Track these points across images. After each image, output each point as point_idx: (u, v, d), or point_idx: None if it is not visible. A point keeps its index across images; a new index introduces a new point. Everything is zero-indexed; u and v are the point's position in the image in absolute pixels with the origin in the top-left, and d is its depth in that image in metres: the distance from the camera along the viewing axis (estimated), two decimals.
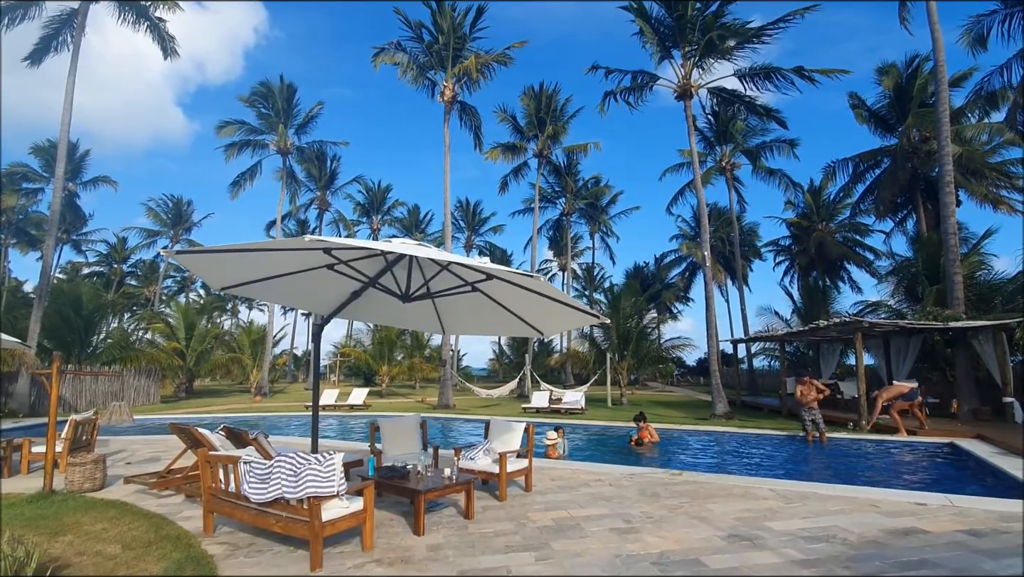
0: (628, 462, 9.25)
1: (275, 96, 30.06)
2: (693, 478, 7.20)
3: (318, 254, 4.97)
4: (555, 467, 7.95)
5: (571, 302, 5.41)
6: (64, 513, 5.50)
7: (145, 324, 29.70)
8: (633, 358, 23.33)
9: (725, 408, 16.56)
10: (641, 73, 19.71)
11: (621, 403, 21.70)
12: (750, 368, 31.43)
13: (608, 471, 7.70)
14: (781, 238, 37.14)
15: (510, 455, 6.12)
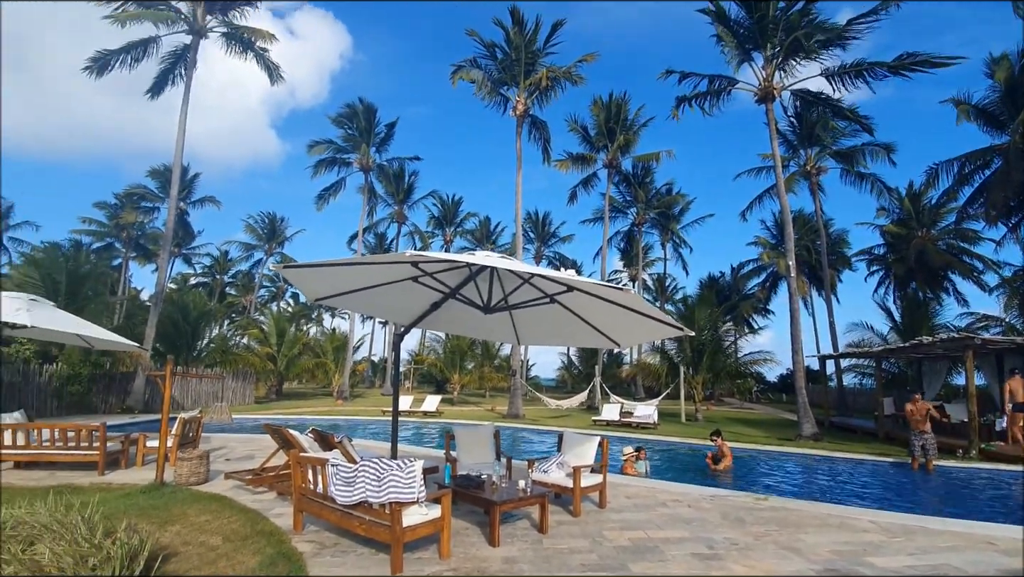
0: (706, 482, 8.82)
1: (358, 116, 32.03)
2: (781, 504, 6.74)
3: (404, 267, 5.20)
4: (630, 484, 7.73)
5: (657, 314, 5.24)
6: (173, 504, 6.03)
7: (242, 331, 32.26)
8: (708, 372, 22.33)
9: (813, 429, 15.42)
10: (719, 77, 19.00)
11: (696, 419, 20.80)
12: (840, 386, 29.08)
13: (686, 491, 7.38)
14: (875, 246, 34.31)
15: (584, 470, 6.03)
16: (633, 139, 29.79)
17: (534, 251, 48.45)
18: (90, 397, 18.34)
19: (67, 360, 17.43)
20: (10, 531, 4.15)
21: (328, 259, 4.98)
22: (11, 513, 4.40)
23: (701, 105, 19.57)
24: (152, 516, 5.49)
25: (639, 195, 36.50)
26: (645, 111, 30.03)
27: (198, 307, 23.99)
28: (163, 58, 21.35)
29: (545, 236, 48.51)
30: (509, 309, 5.93)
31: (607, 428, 17.14)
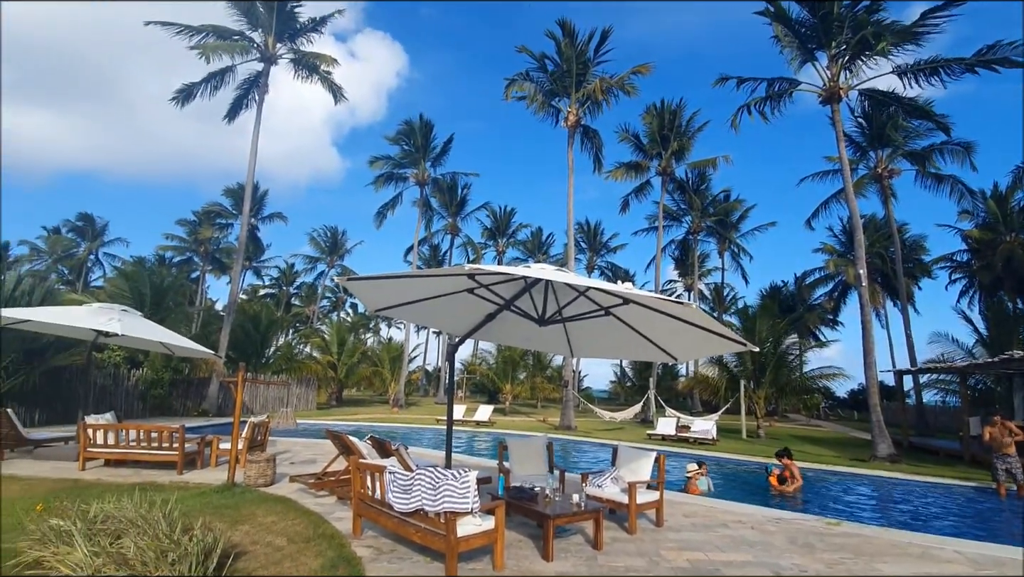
0: (770, 503, 8.38)
1: (415, 133, 33.15)
2: (856, 530, 6.31)
3: (461, 279, 5.32)
4: (688, 502, 7.47)
5: (719, 329, 5.07)
6: (243, 504, 6.36)
7: (305, 339, 33.80)
8: (771, 387, 21.29)
9: (889, 449, 14.36)
10: (779, 80, 18.28)
11: (758, 435, 19.84)
12: (919, 404, 26.92)
13: (749, 512, 7.04)
14: (956, 252, 31.78)
15: (640, 485, 5.88)
16: (687, 145, 29.12)
17: (586, 261, 48.15)
18: (170, 400, 19.74)
19: (151, 366, 18.85)
20: (100, 525, 4.53)
21: (388, 272, 5.18)
22: (101, 508, 4.80)
23: (760, 110, 18.87)
24: (224, 515, 5.81)
25: (694, 202, 35.55)
26: (700, 116, 29.29)
27: (267, 317, 25.40)
28: (238, 85, 22.94)
29: (597, 246, 48.11)
30: (563, 321, 5.92)
31: (662, 443, 16.65)
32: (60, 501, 5.54)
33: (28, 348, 12.62)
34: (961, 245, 30.51)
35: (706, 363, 28.06)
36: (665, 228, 36.22)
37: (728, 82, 18.66)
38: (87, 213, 49.94)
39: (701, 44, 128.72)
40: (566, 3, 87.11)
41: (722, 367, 23.45)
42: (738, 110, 18.88)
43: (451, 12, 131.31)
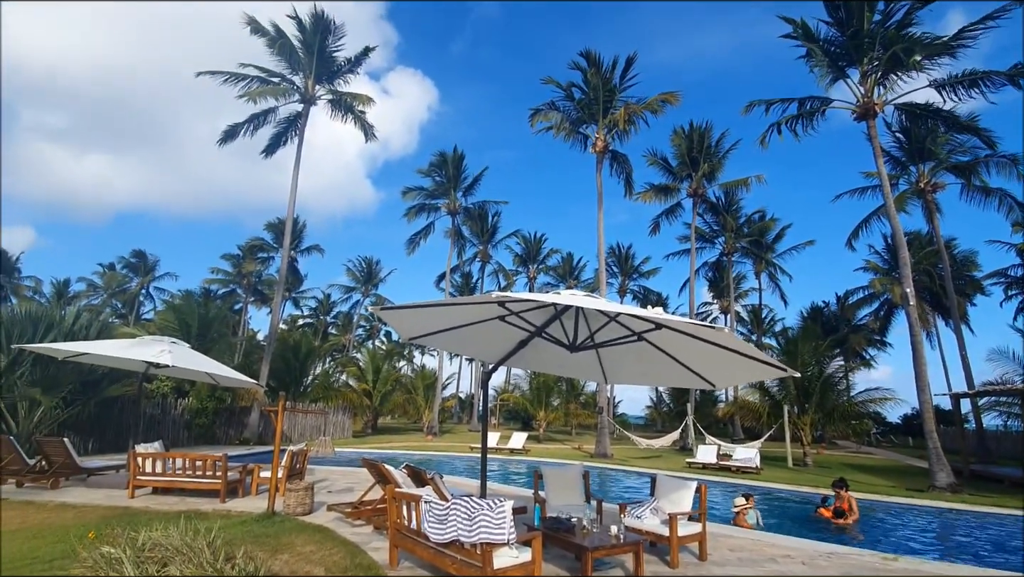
0: (821, 537, 7.95)
1: (447, 164, 34.04)
2: (915, 565, 5.93)
3: (492, 306, 5.38)
4: (732, 535, 7.17)
5: (757, 355, 4.95)
6: (282, 533, 6.44)
7: (342, 368, 34.42)
8: (817, 412, 20.37)
9: (949, 478, 13.49)
10: (810, 99, 18.07)
11: (805, 464, 18.95)
12: (978, 428, 25.22)
13: (799, 546, 6.71)
14: (1011, 267, 30.14)
15: (681, 517, 5.70)
16: (718, 166, 28.91)
17: (618, 285, 47.77)
18: (213, 429, 20.31)
19: (197, 395, 19.50)
20: (148, 552, 4.66)
21: (421, 300, 5.28)
22: (149, 536, 4.95)
23: (792, 128, 18.63)
24: (264, 544, 5.90)
25: (727, 223, 35.02)
26: (729, 136, 29.10)
27: (305, 346, 26.04)
28: (277, 123, 24.14)
29: (629, 270, 47.74)
30: (595, 347, 5.88)
31: (703, 472, 16.09)
32: (111, 528, 5.75)
33: (85, 379, 13.28)
34: (1016, 260, 28.95)
35: (747, 388, 27.16)
36: (698, 250, 35.74)
37: (758, 107, 18.54)
38: (140, 250, 52.94)
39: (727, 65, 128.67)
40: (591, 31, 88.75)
41: (763, 392, 22.64)
42: (768, 129, 18.69)
43: (480, 47, 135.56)
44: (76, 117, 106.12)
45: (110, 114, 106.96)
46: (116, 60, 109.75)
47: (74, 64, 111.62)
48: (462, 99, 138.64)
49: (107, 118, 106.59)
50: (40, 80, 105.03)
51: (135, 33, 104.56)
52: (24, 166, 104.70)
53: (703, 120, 28.90)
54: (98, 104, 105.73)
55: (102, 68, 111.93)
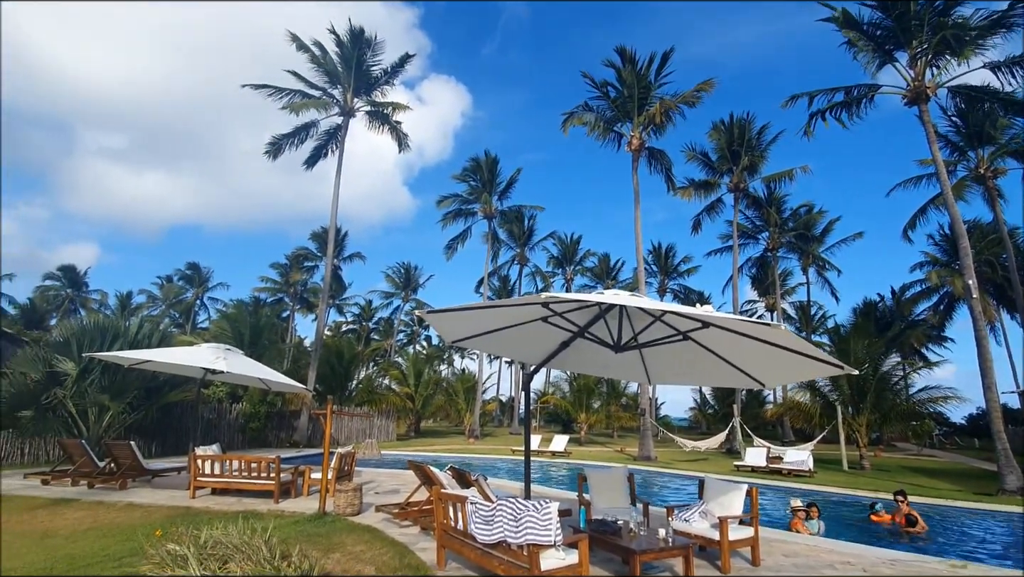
0: (881, 543, 7.57)
1: (482, 169, 34.38)
2: (985, 573, 5.57)
3: (535, 308, 5.38)
4: (787, 540, 6.91)
5: (811, 351, 4.74)
6: (333, 533, 6.62)
7: (384, 372, 35.16)
8: (873, 413, 19.42)
9: (1019, 481, 12.63)
10: (857, 87, 17.31)
11: (861, 466, 18.09)
12: None
13: (858, 552, 6.41)
14: None
15: (731, 521, 5.54)
16: (760, 159, 28.01)
17: (657, 285, 46.94)
18: (265, 432, 21.10)
19: (249, 400, 20.32)
20: (210, 550, 4.90)
21: (464, 303, 5.34)
22: (210, 534, 5.20)
23: (838, 117, 17.89)
24: (317, 543, 6.09)
25: (771, 217, 33.86)
26: (771, 129, 28.11)
27: (349, 352, 26.75)
28: (318, 136, 24.95)
29: (668, 269, 46.85)
30: (639, 347, 5.80)
31: (752, 475, 15.60)
32: (175, 527, 6.06)
33: (148, 386, 14.06)
34: None
35: (796, 388, 26.16)
36: (741, 246, 34.68)
37: (801, 99, 17.90)
38: (194, 262, 55.83)
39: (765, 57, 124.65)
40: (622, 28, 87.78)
41: (815, 392, 21.76)
42: (813, 117, 17.99)
43: (510, 49, 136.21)
44: (134, 138, 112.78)
45: (164, 133, 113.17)
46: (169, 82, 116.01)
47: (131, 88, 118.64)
48: (494, 103, 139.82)
49: (162, 137, 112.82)
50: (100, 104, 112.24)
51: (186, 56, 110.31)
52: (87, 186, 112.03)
53: (742, 113, 28.12)
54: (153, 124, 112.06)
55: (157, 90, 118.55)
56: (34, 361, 12.55)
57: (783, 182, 29.18)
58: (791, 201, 35.17)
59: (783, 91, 24.15)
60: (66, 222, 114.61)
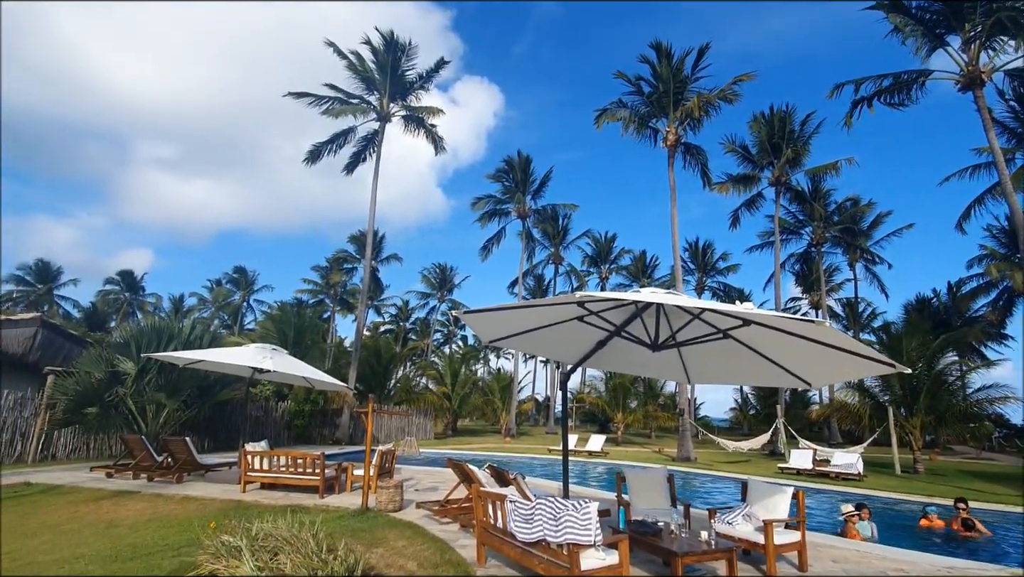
0: (936, 549, 7.22)
1: (515, 169, 34.52)
2: None
3: (571, 307, 5.39)
4: (836, 545, 6.69)
5: (861, 349, 4.57)
6: (376, 528, 6.80)
7: (421, 372, 35.73)
8: (927, 414, 18.49)
9: None
10: (906, 73, 16.54)
11: (915, 470, 17.28)
12: None
13: (912, 559, 6.15)
14: None
15: (776, 524, 5.41)
16: (802, 152, 27.07)
17: (695, 283, 46.01)
18: (309, 430, 21.79)
19: (294, 398, 21.01)
20: (261, 542, 5.12)
21: (500, 303, 5.40)
22: (261, 527, 5.43)
23: (887, 103, 17.13)
24: (361, 538, 6.27)
25: (815, 211, 32.66)
26: (814, 119, 27.11)
27: (387, 352, 27.32)
28: (356, 142, 25.58)
29: (706, 266, 45.83)
30: (678, 346, 5.72)
31: (797, 477, 15.12)
32: (228, 520, 6.35)
33: (200, 384, 14.73)
34: None
35: (843, 388, 25.15)
36: (783, 241, 33.63)
37: (846, 87, 17.23)
38: (241, 266, 58.16)
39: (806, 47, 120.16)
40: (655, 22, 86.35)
41: (864, 392, 20.89)
42: (855, 105, 17.27)
43: (542, 46, 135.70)
44: (183, 147, 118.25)
45: (211, 142, 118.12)
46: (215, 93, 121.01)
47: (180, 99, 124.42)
48: (527, 103, 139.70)
49: (208, 146, 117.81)
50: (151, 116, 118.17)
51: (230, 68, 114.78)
52: (141, 195, 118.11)
53: (784, 104, 27.23)
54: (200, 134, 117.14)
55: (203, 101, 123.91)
56: (98, 361, 13.34)
57: (828, 175, 28.15)
58: (836, 194, 33.84)
59: (823, 81, 23.07)
60: (123, 230, 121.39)
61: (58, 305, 50.96)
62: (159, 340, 13.93)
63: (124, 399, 13.18)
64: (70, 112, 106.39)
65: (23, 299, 49.76)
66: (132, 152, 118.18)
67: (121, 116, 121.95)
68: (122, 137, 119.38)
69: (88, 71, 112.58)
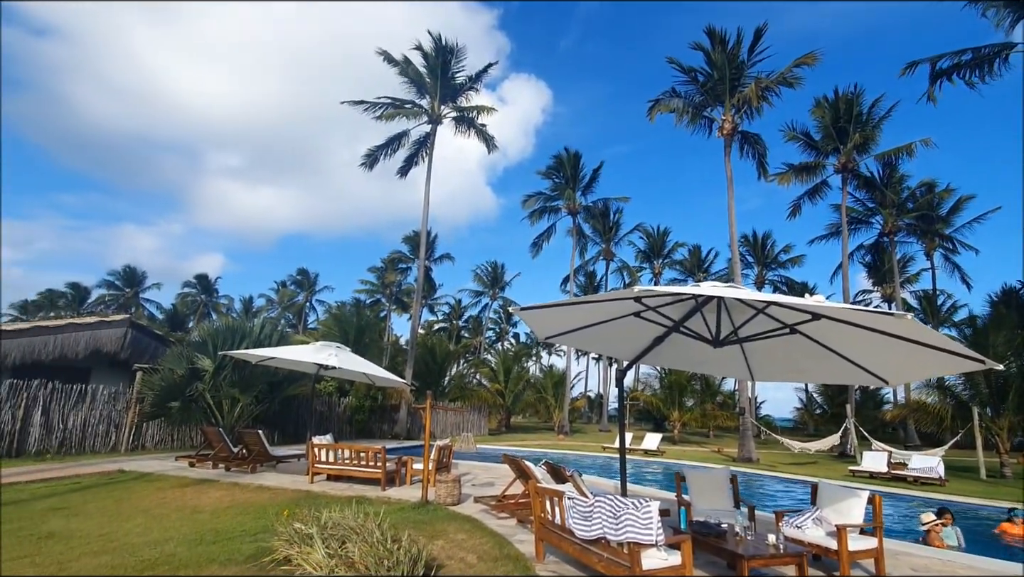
0: None
1: (564, 166, 34.36)
2: None
3: (627, 303, 5.34)
4: (915, 553, 6.28)
5: (947, 345, 4.25)
6: (436, 521, 6.98)
7: (475, 369, 36.28)
8: (1016, 414, 16.96)
9: None
10: (987, 47, 15.23)
11: (1002, 475, 15.93)
12: None
13: (999, 569, 5.68)
14: None
15: (851, 529, 5.14)
16: (872, 136, 25.37)
17: (754, 277, 44.17)
18: (369, 425, 22.59)
19: (355, 394, 21.85)
20: (330, 530, 5.38)
21: (556, 300, 5.41)
22: (330, 516, 5.70)
23: (968, 79, 15.83)
24: (422, 529, 6.45)
25: (887, 198, 30.56)
26: (884, 101, 25.34)
27: (441, 349, 27.90)
28: (410, 146, 26.23)
29: (766, 259, 43.90)
30: (740, 342, 5.54)
31: (870, 481, 14.28)
32: (299, 508, 6.70)
33: (270, 380, 15.59)
34: None
35: (920, 387, 23.42)
36: (851, 231, 31.71)
37: (920, 66, 16.06)
38: (304, 268, 61.14)
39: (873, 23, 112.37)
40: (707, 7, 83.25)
41: (944, 391, 19.42)
42: (935, 80, 16.03)
43: (588, 41, 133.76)
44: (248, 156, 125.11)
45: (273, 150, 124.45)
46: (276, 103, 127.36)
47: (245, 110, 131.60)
48: (575, 98, 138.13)
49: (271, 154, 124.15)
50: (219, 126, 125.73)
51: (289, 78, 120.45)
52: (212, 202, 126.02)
53: (850, 85, 25.65)
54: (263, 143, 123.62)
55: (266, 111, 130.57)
56: (179, 359, 14.39)
57: (900, 158, 26.26)
58: (910, 180, 31.51)
59: (889, 61, 21.14)
60: (197, 235, 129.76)
61: (143, 307, 55.31)
62: (233, 339, 14.84)
63: (203, 394, 14.14)
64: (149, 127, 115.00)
65: (114, 302, 54.31)
66: (203, 162, 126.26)
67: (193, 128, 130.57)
68: (194, 148, 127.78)
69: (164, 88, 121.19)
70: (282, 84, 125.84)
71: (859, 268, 38.84)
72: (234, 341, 14.73)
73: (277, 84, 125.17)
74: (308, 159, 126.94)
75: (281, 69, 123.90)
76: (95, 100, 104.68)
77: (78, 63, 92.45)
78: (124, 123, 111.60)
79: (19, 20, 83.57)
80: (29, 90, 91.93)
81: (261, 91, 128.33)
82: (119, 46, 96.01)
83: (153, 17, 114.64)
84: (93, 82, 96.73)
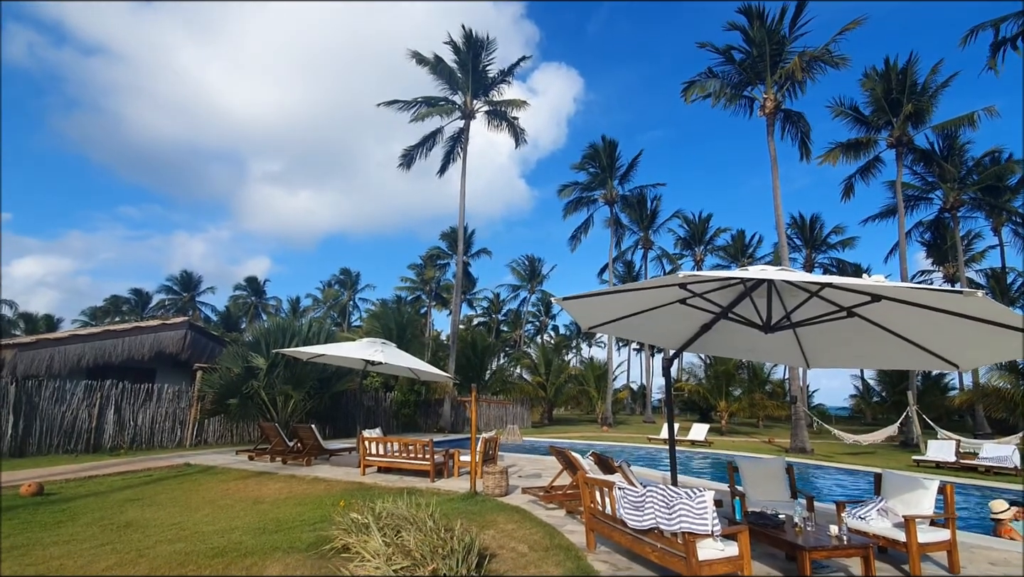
0: None
1: (600, 155, 33.90)
2: None
3: (672, 290, 5.22)
4: (993, 547, 5.92)
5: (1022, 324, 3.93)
6: (485, 512, 7.06)
7: (515, 362, 36.43)
8: None
9: None
10: None
11: None
12: None
13: None
14: None
15: (920, 521, 4.89)
16: (928, 106, 23.85)
17: (802, 260, 42.42)
18: (415, 418, 23.07)
19: (400, 389, 22.34)
20: (385, 519, 5.54)
21: (598, 289, 5.34)
22: (384, 506, 5.86)
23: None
24: (473, 520, 6.54)
25: (948, 172, 28.70)
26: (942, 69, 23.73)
27: (481, 344, 28.14)
28: (444, 143, 26.46)
29: (815, 241, 42.07)
30: (793, 327, 5.33)
31: (936, 471, 13.57)
32: (353, 499, 6.91)
33: (320, 377, 16.15)
34: None
35: (990, 371, 21.95)
36: (908, 208, 29.99)
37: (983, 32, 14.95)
38: (346, 268, 62.84)
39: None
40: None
41: (1018, 375, 18.19)
42: (997, 48, 14.91)
43: (616, 22, 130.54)
44: (288, 161, 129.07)
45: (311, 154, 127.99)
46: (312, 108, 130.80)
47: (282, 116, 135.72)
48: (607, 84, 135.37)
49: (309, 158, 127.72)
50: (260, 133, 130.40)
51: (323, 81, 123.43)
52: (258, 207, 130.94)
53: (902, 54, 24.16)
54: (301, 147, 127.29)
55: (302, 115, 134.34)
56: (235, 358, 15.09)
57: (962, 129, 24.59)
58: (973, 149, 29.44)
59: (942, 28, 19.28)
60: (244, 240, 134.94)
61: (200, 310, 58.25)
62: (284, 338, 15.43)
63: (258, 391, 14.77)
64: (199, 138, 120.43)
65: (172, 306, 57.40)
66: (248, 169, 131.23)
67: (238, 138, 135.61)
68: (239, 156, 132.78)
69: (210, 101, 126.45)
70: (312, 88, 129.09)
71: (917, 247, 36.89)
72: (285, 340, 15.31)
73: (307, 88, 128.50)
74: (343, 160, 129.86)
75: (310, 72, 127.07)
76: (149, 116, 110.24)
77: (131, 82, 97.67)
78: (176, 137, 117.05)
79: (69, 40, 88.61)
80: (88, 110, 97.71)
81: (294, 97, 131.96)
82: (168, 64, 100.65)
83: (199, 38, 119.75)
84: (146, 99, 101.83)
